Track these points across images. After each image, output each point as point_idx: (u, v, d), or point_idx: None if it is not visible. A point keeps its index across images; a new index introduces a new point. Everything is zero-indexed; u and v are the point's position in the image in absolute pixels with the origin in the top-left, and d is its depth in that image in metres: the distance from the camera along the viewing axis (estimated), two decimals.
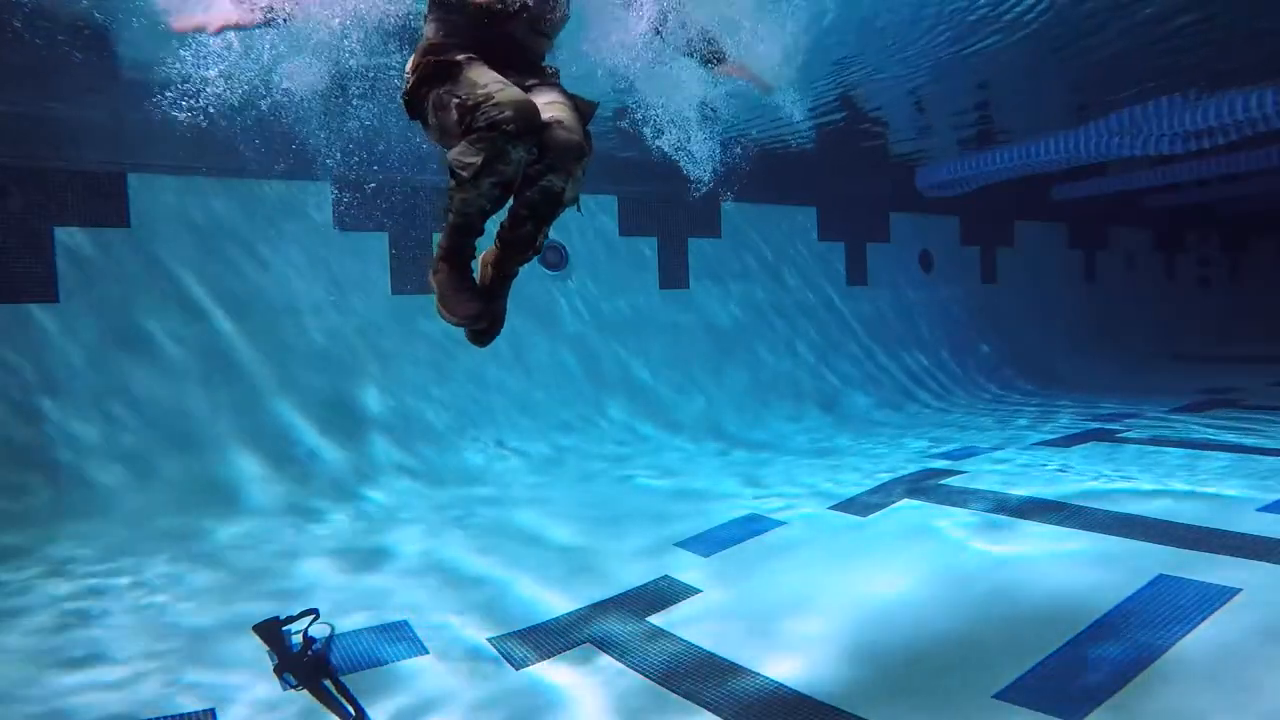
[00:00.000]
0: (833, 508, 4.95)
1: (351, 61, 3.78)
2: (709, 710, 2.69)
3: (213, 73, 3.75)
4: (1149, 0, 5.20)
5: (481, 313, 2.71)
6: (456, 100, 2.50)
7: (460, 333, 2.81)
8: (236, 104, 3.96)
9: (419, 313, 6.88)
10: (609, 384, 7.78)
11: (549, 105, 2.68)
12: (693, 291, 8.70)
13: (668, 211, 8.47)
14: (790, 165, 8.68)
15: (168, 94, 3.90)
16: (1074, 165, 8.84)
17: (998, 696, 2.62)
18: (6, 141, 5.58)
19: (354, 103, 4.97)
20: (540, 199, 2.68)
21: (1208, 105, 6.93)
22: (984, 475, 5.38)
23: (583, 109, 2.78)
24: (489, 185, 2.49)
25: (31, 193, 5.70)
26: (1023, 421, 7.90)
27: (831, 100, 7.00)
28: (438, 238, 2.80)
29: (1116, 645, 2.87)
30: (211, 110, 3.94)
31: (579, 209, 2.86)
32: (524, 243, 2.79)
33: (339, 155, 5.38)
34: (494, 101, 2.42)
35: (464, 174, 2.47)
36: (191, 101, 3.88)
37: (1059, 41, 5.84)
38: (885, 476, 5.60)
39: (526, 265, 2.94)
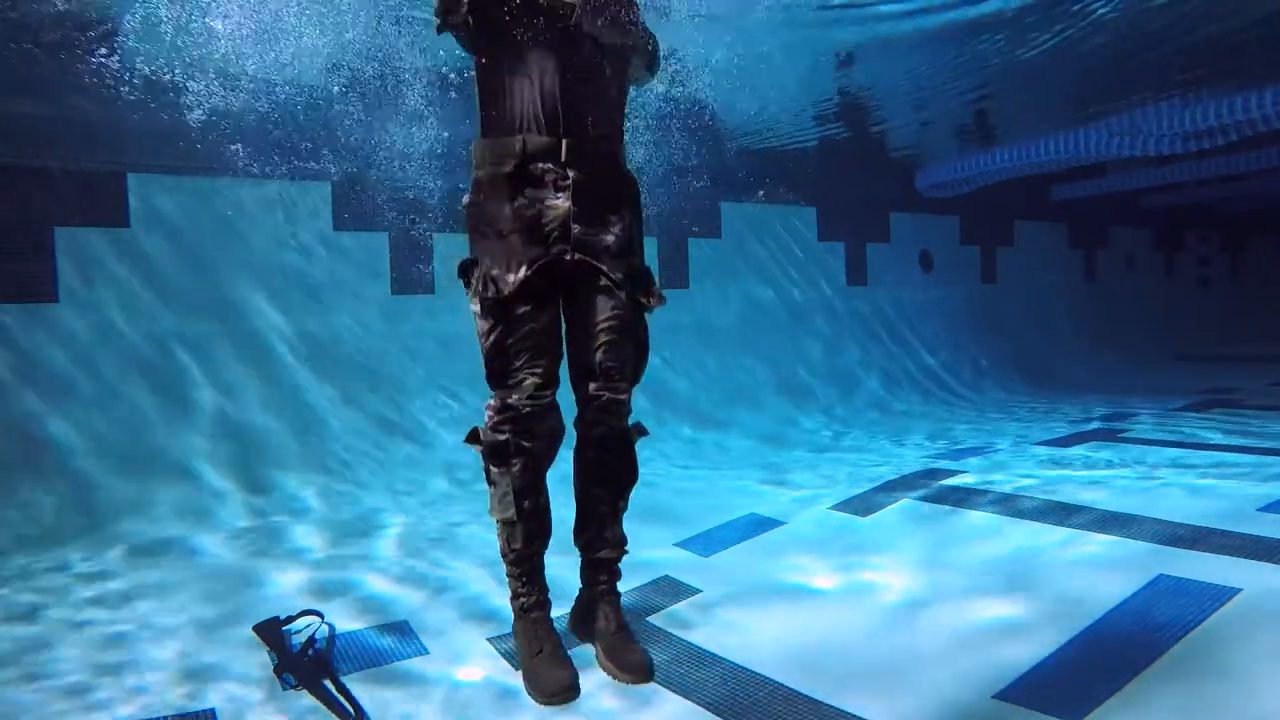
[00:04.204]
0: (834, 507, 4.95)
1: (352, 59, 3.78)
2: (708, 709, 2.69)
3: (213, 72, 3.76)
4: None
5: (574, 683, 2.36)
6: (490, 360, 2.43)
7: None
8: (236, 104, 3.96)
9: (418, 314, 6.89)
10: None
11: (594, 339, 2.36)
12: (692, 292, 8.70)
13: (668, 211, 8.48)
14: (790, 165, 8.69)
15: (168, 94, 3.90)
16: (1074, 165, 8.85)
17: (998, 697, 2.62)
18: (7, 141, 5.58)
19: (354, 101, 4.97)
20: (603, 454, 2.45)
21: (1208, 105, 6.94)
22: (984, 475, 5.38)
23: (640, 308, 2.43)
24: (520, 468, 2.40)
25: (32, 193, 5.70)
26: (1023, 421, 7.90)
27: (833, 105, 7.01)
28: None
29: (1116, 645, 2.87)
30: (211, 110, 3.95)
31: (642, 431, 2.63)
32: (600, 520, 2.49)
33: (339, 154, 5.38)
34: (520, 399, 2.32)
35: (495, 467, 2.40)
36: (192, 101, 3.88)
37: (1063, 44, 5.85)
38: (886, 476, 5.60)
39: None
